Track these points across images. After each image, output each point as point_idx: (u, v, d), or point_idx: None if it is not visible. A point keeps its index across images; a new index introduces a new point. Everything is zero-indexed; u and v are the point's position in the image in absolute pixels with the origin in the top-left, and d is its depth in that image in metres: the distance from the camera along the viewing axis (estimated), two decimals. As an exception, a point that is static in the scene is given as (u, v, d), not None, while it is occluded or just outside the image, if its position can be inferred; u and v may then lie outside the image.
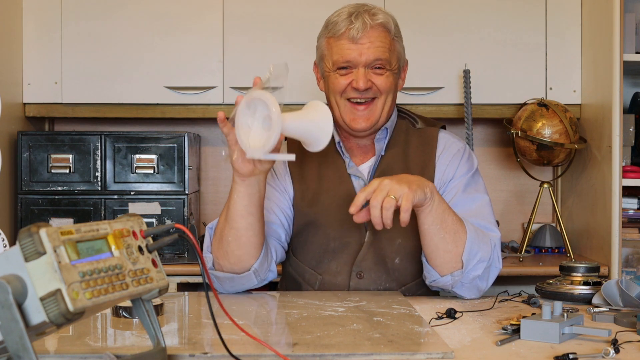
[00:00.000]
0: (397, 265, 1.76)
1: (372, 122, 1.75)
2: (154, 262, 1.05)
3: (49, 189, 2.70)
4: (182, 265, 2.58)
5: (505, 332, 1.29)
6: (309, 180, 1.81)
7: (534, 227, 2.93)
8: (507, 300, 1.62)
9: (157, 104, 2.85)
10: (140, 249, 1.04)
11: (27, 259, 0.89)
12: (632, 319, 1.35)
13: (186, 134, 2.70)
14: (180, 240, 1.04)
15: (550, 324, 1.24)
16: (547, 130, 2.68)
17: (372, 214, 1.46)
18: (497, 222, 2.83)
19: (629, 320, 1.36)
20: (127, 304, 1.39)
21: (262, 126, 1.43)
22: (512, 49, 2.84)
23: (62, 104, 2.84)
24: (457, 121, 3.02)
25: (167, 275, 1.10)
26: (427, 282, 1.69)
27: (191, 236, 1.06)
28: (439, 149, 1.81)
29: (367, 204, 1.49)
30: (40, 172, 2.70)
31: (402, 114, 1.90)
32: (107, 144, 2.70)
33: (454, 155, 1.80)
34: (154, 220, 2.69)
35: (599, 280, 1.60)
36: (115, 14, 2.82)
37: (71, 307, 0.88)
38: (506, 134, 2.85)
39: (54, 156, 2.70)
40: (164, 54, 2.83)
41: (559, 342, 1.23)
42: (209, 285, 1.12)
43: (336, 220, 1.76)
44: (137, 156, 2.70)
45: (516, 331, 1.28)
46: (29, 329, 0.89)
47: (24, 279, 0.89)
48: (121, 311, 1.41)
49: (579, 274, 1.61)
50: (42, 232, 0.90)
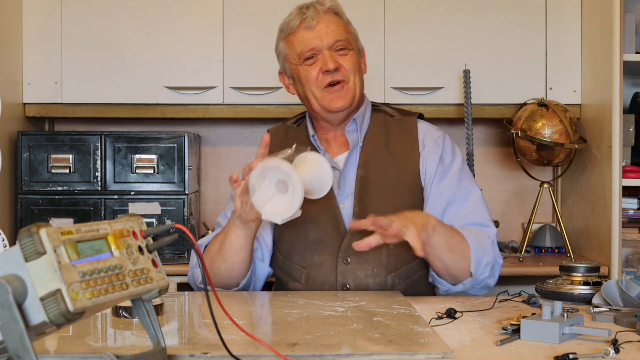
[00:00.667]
0: (391, 250, 1.77)
1: (348, 99, 1.80)
2: (154, 262, 1.05)
3: (49, 189, 2.70)
4: (182, 265, 2.58)
5: (505, 332, 1.29)
6: None
7: (534, 227, 2.93)
8: (507, 300, 1.62)
9: (157, 104, 2.85)
10: (140, 249, 1.04)
11: (27, 259, 0.89)
12: (632, 319, 1.35)
13: (186, 134, 2.70)
14: (180, 240, 1.05)
15: (550, 324, 1.24)
16: (547, 130, 2.68)
17: (372, 238, 1.56)
18: (497, 222, 2.84)
19: (629, 320, 1.36)
20: (127, 304, 1.39)
21: (276, 188, 1.58)
22: (512, 49, 2.84)
23: (62, 104, 2.84)
24: (457, 121, 3.02)
25: (167, 275, 1.10)
26: (441, 292, 1.76)
27: (191, 236, 1.06)
28: (420, 137, 1.86)
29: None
30: (40, 172, 2.70)
31: (377, 107, 1.95)
32: (107, 144, 2.70)
33: (435, 143, 1.85)
34: (154, 220, 2.69)
35: (599, 280, 1.60)
36: (115, 14, 2.82)
37: (71, 307, 0.88)
38: (506, 134, 2.85)
39: (54, 156, 2.70)
40: (164, 54, 2.83)
41: (559, 342, 1.23)
42: (208, 285, 1.12)
43: (314, 212, 1.79)
44: (137, 156, 2.70)
45: (516, 331, 1.27)
46: (29, 329, 0.89)
47: (24, 279, 0.89)
48: (121, 311, 1.41)
49: (579, 274, 1.61)
50: (42, 232, 0.90)
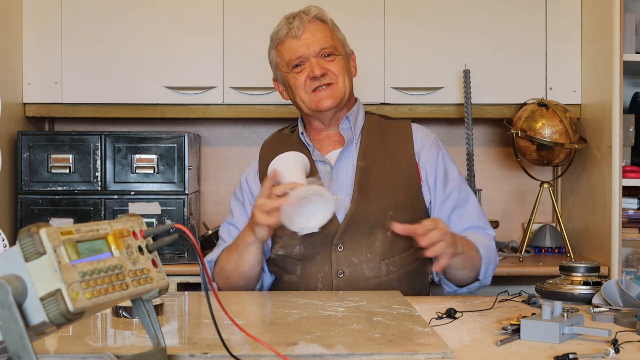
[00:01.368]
0: (386, 237, 1.81)
1: (337, 98, 1.85)
2: (154, 262, 1.05)
3: (49, 189, 2.70)
4: (182, 265, 2.58)
5: (505, 332, 1.29)
6: None
7: (534, 227, 2.93)
8: (507, 300, 1.62)
9: (157, 104, 2.85)
10: (140, 249, 1.04)
11: (27, 259, 0.89)
12: (632, 319, 1.35)
13: (186, 134, 2.70)
14: (180, 240, 1.05)
15: (550, 324, 1.24)
16: (547, 130, 2.68)
17: (431, 236, 1.58)
18: (497, 222, 2.84)
19: (629, 320, 1.36)
20: (127, 304, 1.39)
21: (301, 206, 1.63)
22: (512, 49, 2.84)
23: (62, 104, 2.84)
24: (457, 121, 3.02)
25: (167, 275, 1.10)
26: (446, 292, 1.83)
27: (191, 236, 1.06)
28: (416, 136, 1.91)
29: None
30: (40, 172, 2.70)
31: (371, 112, 2.01)
32: (107, 144, 2.70)
33: (432, 143, 1.91)
34: (154, 220, 2.69)
35: (599, 280, 1.60)
36: (115, 14, 2.82)
37: (71, 307, 0.88)
38: (506, 134, 2.86)
39: (54, 156, 2.70)
40: (164, 54, 2.83)
41: (559, 342, 1.23)
42: (208, 285, 1.12)
43: None
44: (137, 156, 2.70)
45: (516, 331, 1.27)
46: (29, 329, 0.89)
47: (24, 279, 0.89)
48: (121, 311, 1.41)
49: (579, 274, 1.61)
50: (42, 232, 0.90)
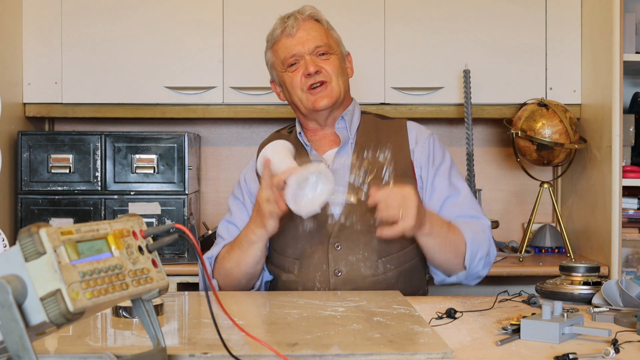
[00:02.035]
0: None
1: (333, 98, 1.86)
2: (154, 262, 1.05)
3: (49, 189, 2.70)
4: (182, 265, 2.58)
5: (505, 332, 1.29)
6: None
7: (534, 227, 2.93)
8: (507, 300, 1.62)
9: (157, 104, 2.85)
10: (140, 249, 1.04)
11: (27, 259, 0.89)
12: (632, 319, 1.35)
13: (186, 134, 2.70)
14: (180, 240, 1.05)
15: (550, 324, 1.24)
16: (547, 130, 2.68)
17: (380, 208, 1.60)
18: (497, 222, 2.84)
19: (629, 320, 1.36)
20: (127, 304, 1.39)
21: (300, 187, 1.65)
22: (512, 49, 2.84)
23: (62, 104, 2.84)
24: (457, 121, 3.02)
25: (167, 275, 1.10)
26: (436, 282, 1.83)
27: (191, 236, 1.06)
28: (412, 134, 1.92)
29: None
30: (40, 172, 2.70)
31: (366, 111, 2.02)
32: (107, 144, 2.70)
33: (427, 139, 1.92)
34: (154, 220, 2.69)
35: (599, 280, 1.60)
36: (115, 14, 2.82)
37: (71, 307, 0.88)
38: (506, 134, 2.86)
39: (54, 156, 2.70)
40: (164, 54, 2.83)
41: (559, 342, 1.23)
42: (208, 285, 1.12)
43: None
44: (137, 156, 2.70)
45: (516, 331, 1.28)
46: (29, 329, 0.89)
47: (24, 279, 0.89)
48: (121, 311, 1.41)
49: (579, 274, 1.61)
50: (42, 232, 0.90)
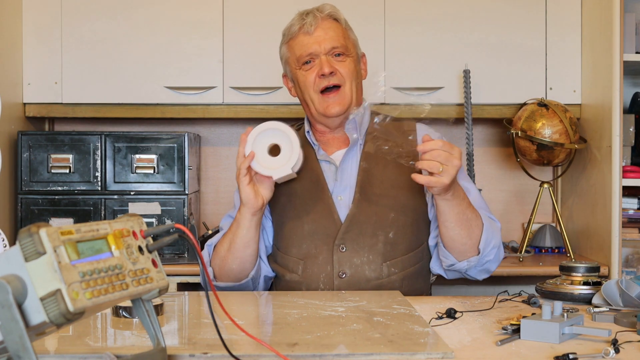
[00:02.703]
0: (388, 239, 1.81)
1: (344, 105, 1.84)
2: (154, 262, 1.05)
3: (49, 189, 2.70)
4: (182, 265, 2.58)
5: (505, 332, 1.29)
6: None
7: (534, 227, 2.93)
8: (507, 300, 1.62)
9: (157, 104, 2.85)
10: (140, 249, 1.04)
11: (27, 259, 0.89)
12: (632, 319, 1.35)
13: (186, 134, 2.70)
14: (180, 240, 1.05)
15: (550, 324, 1.24)
16: (547, 130, 2.68)
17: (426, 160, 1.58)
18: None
19: (629, 320, 1.36)
20: (127, 304, 1.39)
21: (269, 153, 1.72)
22: (512, 49, 2.84)
23: (62, 104, 2.84)
24: (457, 121, 3.02)
25: (167, 275, 1.10)
26: (444, 267, 1.79)
27: (191, 236, 1.06)
28: (420, 135, 1.89)
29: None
30: (40, 172, 2.70)
31: (376, 111, 1.98)
32: (107, 144, 2.70)
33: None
34: (154, 220, 2.69)
35: (599, 280, 1.60)
36: (115, 14, 2.82)
37: (71, 307, 0.88)
38: (506, 134, 2.86)
39: (54, 156, 2.70)
40: (164, 54, 2.83)
41: (559, 342, 1.23)
42: (208, 285, 1.12)
43: (308, 204, 1.84)
44: (137, 156, 2.70)
45: (516, 331, 1.28)
46: (29, 329, 0.89)
47: (24, 279, 0.89)
48: (121, 311, 1.41)
49: (579, 274, 1.61)
50: (42, 232, 0.90)
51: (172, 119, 3.03)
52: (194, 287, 2.55)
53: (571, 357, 1.13)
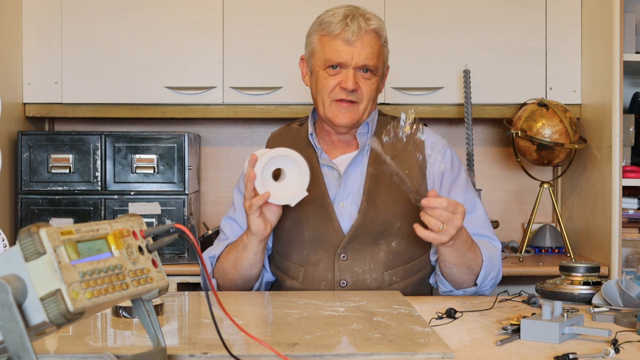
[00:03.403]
0: (390, 248, 1.79)
1: (354, 120, 1.80)
2: (154, 262, 1.05)
3: (49, 189, 2.70)
4: (182, 265, 2.58)
5: (505, 332, 1.29)
6: None
7: (534, 227, 2.93)
8: (507, 300, 1.62)
9: (157, 104, 2.85)
10: (140, 249, 1.04)
11: (27, 259, 0.89)
12: (632, 319, 1.35)
13: (186, 134, 2.70)
14: (180, 240, 1.05)
15: (550, 324, 1.24)
16: (547, 130, 2.68)
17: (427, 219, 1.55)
18: (497, 222, 2.84)
19: (629, 320, 1.36)
20: (127, 304, 1.39)
21: (274, 177, 1.70)
22: (512, 49, 2.84)
23: (62, 104, 2.84)
24: (457, 121, 3.02)
25: (167, 275, 1.10)
26: (440, 292, 1.78)
27: (191, 236, 1.06)
28: (428, 143, 1.86)
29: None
30: (40, 172, 2.70)
31: (384, 114, 1.96)
32: (107, 144, 2.70)
33: (442, 149, 1.87)
34: (154, 220, 2.69)
35: (599, 280, 1.60)
36: (115, 14, 2.82)
37: (71, 307, 0.88)
38: (506, 134, 2.85)
39: (54, 156, 2.70)
40: (164, 54, 2.83)
41: (559, 342, 1.23)
42: (208, 285, 1.12)
43: (308, 211, 1.80)
44: (137, 156, 2.70)
45: (516, 331, 1.28)
46: (29, 329, 0.89)
47: (24, 279, 0.89)
48: (121, 311, 1.41)
49: (579, 274, 1.61)
50: (42, 232, 0.90)
51: (172, 119, 3.03)
52: (194, 287, 2.55)
53: (571, 357, 1.13)
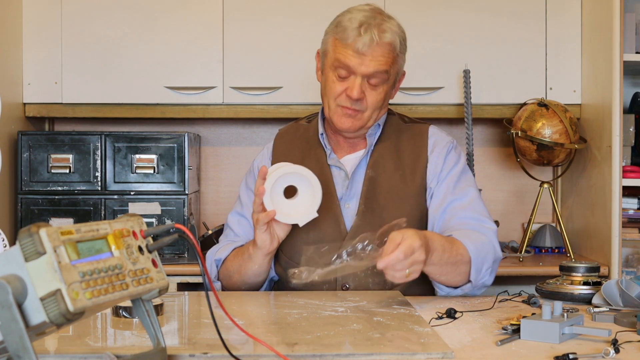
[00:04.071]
0: None
1: (357, 127, 1.80)
2: (154, 262, 1.05)
3: (49, 189, 2.70)
4: (182, 265, 2.58)
5: (505, 332, 1.29)
6: None
7: (534, 227, 2.93)
8: (507, 300, 1.63)
9: (157, 104, 2.85)
10: (140, 249, 1.04)
11: (27, 259, 0.89)
12: (632, 319, 1.35)
13: (186, 134, 2.70)
14: (180, 240, 1.05)
15: (550, 324, 1.24)
16: (547, 130, 2.68)
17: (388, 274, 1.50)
18: (497, 222, 2.84)
19: (629, 320, 1.36)
20: (127, 304, 1.39)
21: (285, 194, 1.69)
22: (512, 49, 2.84)
23: (62, 104, 2.84)
24: (457, 121, 3.02)
25: (167, 275, 1.10)
26: (438, 295, 1.74)
27: (191, 236, 1.06)
28: (430, 142, 1.86)
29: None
30: (40, 172, 2.70)
31: (391, 111, 1.94)
32: (107, 144, 2.70)
33: (443, 147, 1.85)
34: (154, 220, 2.69)
35: (599, 280, 1.60)
36: (115, 14, 2.82)
37: (71, 307, 0.88)
38: (506, 134, 2.85)
39: (54, 156, 2.70)
40: (164, 54, 2.83)
41: (559, 342, 1.23)
42: (208, 285, 1.12)
43: None
44: (137, 156, 2.70)
45: (516, 331, 1.28)
46: (29, 329, 0.89)
47: (24, 279, 0.89)
48: (121, 311, 1.41)
49: (579, 274, 1.61)
50: (42, 232, 0.90)
51: (172, 119, 3.03)
52: (194, 287, 2.55)
53: (571, 357, 1.13)
